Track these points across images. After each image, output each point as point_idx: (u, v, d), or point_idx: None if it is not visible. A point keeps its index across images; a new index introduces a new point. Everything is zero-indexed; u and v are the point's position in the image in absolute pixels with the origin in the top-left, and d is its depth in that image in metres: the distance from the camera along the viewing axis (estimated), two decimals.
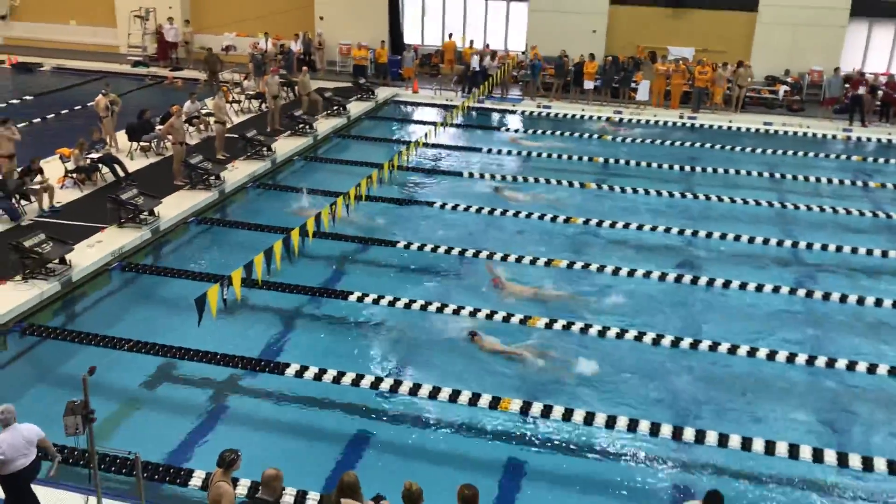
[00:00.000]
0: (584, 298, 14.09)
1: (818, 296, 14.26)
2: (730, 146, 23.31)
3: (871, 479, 9.79)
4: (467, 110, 25.59)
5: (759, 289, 14.38)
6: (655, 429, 10.42)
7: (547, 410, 10.72)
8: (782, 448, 10.08)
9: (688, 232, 16.95)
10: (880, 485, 9.74)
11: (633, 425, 10.48)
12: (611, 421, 10.55)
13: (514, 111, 27.03)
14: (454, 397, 10.94)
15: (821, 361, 12.15)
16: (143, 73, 30.11)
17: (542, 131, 24.53)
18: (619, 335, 12.71)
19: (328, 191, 18.31)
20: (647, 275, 14.86)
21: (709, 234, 16.84)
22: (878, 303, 14.04)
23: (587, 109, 26.58)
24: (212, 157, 19.31)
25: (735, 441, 10.21)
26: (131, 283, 14.52)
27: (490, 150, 22.60)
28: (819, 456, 10.00)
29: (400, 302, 13.53)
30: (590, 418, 10.59)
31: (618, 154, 22.32)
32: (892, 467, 9.86)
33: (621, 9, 29.25)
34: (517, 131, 24.82)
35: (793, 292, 14.37)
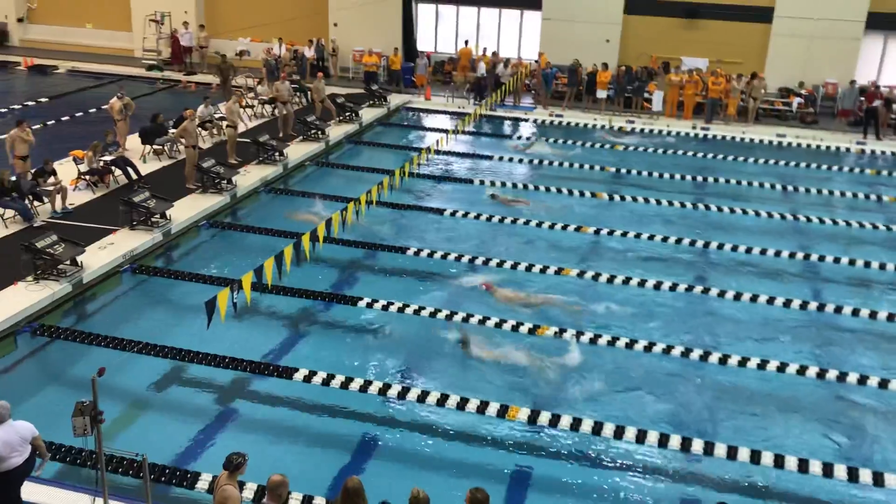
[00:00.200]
0: (590, 307, 14.06)
1: (830, 309, 14.16)
2: (742, 158, 23.24)
3: (882, 494, 9.70)
4: (479, 118, 25.60)
5: (771, 301, 14.30)
6: (664, 440, 10.36)
7: (555, 420, 10.68)
8: (792, 462, 10.00)
9: (699, 243, 16.89)
10: (891, 499, 9.64)
11: (641, 436, 10.42)
12: (619, 431, 10.49)
13: (526, 119, 27.04)
14: (462, 405, 10.90)
15: (832, 375, 12.06)
16: (156, 77, 30.29)
17: (553, 140, 24.52)
18: (629, 345, 12.66)
19: (339, 196, 18.34)
20: (658, 285, 14.80)
21: (720, 246, 16.77)
22: (890, 317, 13.92)
23: (599, 119, 26.56)
24: (224, 162, 19.37)
25: (744, 454, 10.13)
26: (142, 286, 14.56)
27: (501, 158, 22.60)
28: (829, 471, 9.91)
29: (409, 308, 13.51)
30: (598, 428, 10.54)
31: (629, 164, 22.28)
32: None
33: (635, 18, 29.23)
34: (529, 139, 24.80)
35: (804, 305, 14.28)
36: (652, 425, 10.73)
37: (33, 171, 16.96)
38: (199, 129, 20.81)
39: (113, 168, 18.39)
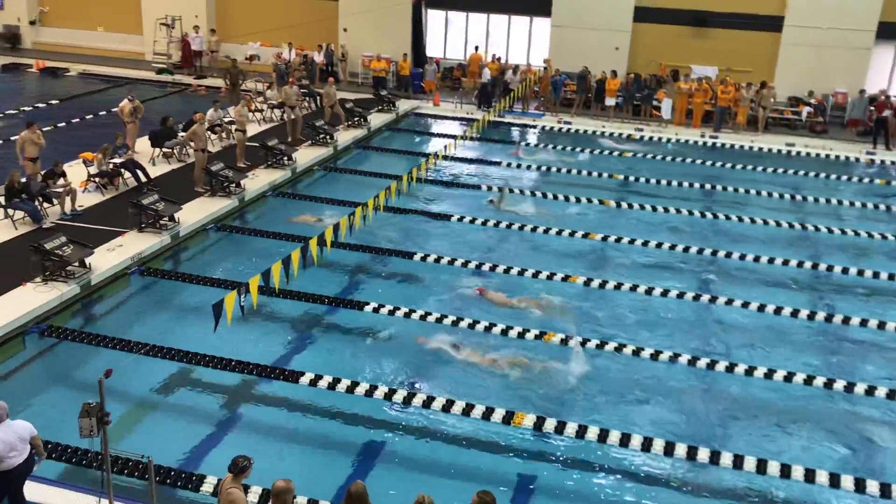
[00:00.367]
0: (595, 314, 14.04)
1: (838, 319, 14.11)
2: (751, 166, 23.20)
3: None
4: (488, 124, 25.63)
5: (778, 311, 14.25)
6: (670, 448, 10.33)
7: (560, 427, 10.65)
8: (798, 472, 9.95)
9: (707, 251, 16.84)
10: None
11: (647, 444, 10.39)
12: (625, 439, 10.46)
13: (534, 126, 27.04)
14: (467, 411, 10.89)
15: (839, 385, 12.01)
16: (166, 81, 30.41)
17: (562, 147, 24.52)
18: (636, 353, 12.64)
19: (347, 201, 18.36)
20: (665, 293, 14.77)
21: (728, 254, 16.72)
22: None
23: (608, 126, 26.55)
24: (233, 165, 19.43)
25: (750, 463, 10.09)
26: (149, 288, 14.60)
27: (509, 165, 22.61)
28: (836, 481, 9.86)
29: (416, 314, 13.51)
30: (603, 435, 10.51)
31: (638, 171, 22.26)
32: None
33: (644, 26, 29.24)
34: (537, 146, 24.81)
35: (812, 315, 14.22)
36: (658, 433, 10.69)
37: (43, 172, 17.04)
38: (209, 132, 20.88)
39: (122, 170, 18.47)
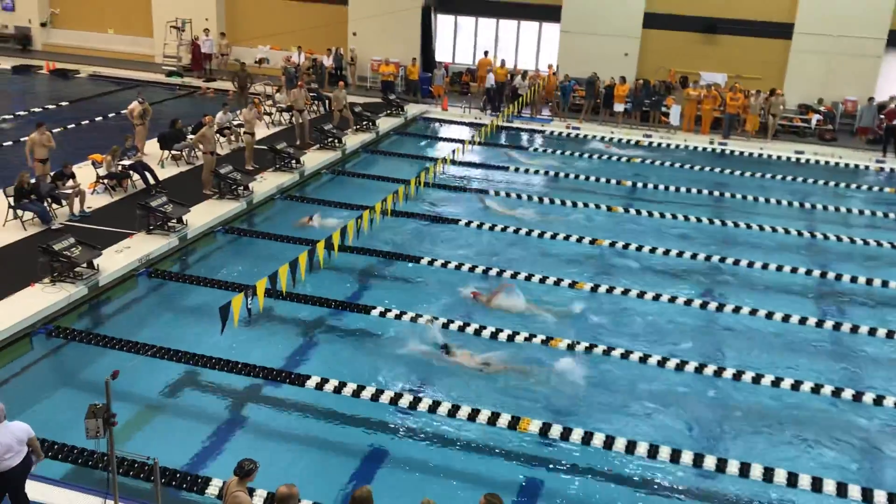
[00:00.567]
0: (600, 320, 14.01)
1: (846, 328, 14.04)
2: (760, 174, 23.14)
3: None
4: (496, 129, 25.63)
5: (786, 319, 14.20)
6: (676, 455, 10.29)
7: (566, 433, 10.63)
8: (805, 480, 9.91)
9: (715, 258, 16.80)
10: None
11: (653, 451, 10.35)
12: (631, 446, 10.43)
13: (542, 131, 27.03)
14: (473, 416, 10.87)
15: (847, 394, 11.94)
16: (176, 83, 30.52)
17: (569, 152, 24.51)
18: (643, 359, 12.60)
19: (355, 205, 18.38)
20: (673, 300, 14.73)
21: (736, 261, 16.66)
22: None
23: (616, 132, 26.52)
24: (241, 168, 19.48)
25: (757, 471, 10.04)
26: (157, 290, 14.64)
27: (517, 169, 22.60)
28: (843, 490, 9.80)
29: (422, 318, 13.50)
30: (609, 442, 10.48)
31: (646, 178, 22.22)
32: None
33: (654, 32, 29.19)
34: (545, 152, 24.79)
35: (820, 323, 14.16)
36: (664, 440, 10.65)
37: (52, 173, 17.12)
38: (217, 135, 20.94)
39: (131, 172, 18.53)
